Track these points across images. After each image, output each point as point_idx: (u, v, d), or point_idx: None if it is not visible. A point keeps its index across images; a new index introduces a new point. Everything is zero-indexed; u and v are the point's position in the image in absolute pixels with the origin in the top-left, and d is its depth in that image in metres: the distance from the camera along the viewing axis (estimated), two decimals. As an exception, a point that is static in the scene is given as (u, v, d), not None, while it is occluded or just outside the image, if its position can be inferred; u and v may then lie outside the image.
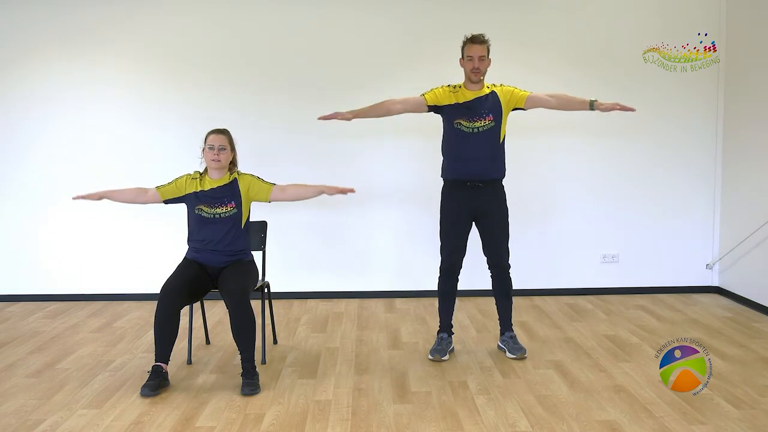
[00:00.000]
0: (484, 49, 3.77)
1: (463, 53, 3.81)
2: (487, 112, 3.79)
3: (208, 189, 3.69)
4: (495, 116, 3.80)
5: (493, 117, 3.79)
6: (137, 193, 3.78)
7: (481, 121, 3.78)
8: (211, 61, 5.30)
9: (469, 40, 3.78)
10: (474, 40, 3.76)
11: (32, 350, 4.15)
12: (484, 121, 3.78)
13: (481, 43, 3.76)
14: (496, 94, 3.82)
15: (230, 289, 3.50)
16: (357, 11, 5.31)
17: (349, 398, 3.33)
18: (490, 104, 3.80)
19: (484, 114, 3.78)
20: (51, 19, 5.26)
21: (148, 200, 3.76)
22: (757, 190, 4.96)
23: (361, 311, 5.05)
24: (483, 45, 3.76)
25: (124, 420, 3.09)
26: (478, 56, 3.74)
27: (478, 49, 3.75)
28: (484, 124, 3.78)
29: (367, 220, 5.43)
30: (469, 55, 3.76)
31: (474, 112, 3.78)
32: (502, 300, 4.02)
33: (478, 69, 3.76)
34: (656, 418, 3.05)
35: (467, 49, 3.78)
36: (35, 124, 5.33)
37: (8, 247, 5.41)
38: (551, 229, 5.45)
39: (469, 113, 3.78)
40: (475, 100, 3.79)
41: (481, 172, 3.82)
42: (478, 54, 3.74)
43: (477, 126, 3.78)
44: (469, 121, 3.78)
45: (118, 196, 3.79)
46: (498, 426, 2.99)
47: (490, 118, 3.79)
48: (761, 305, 4.86)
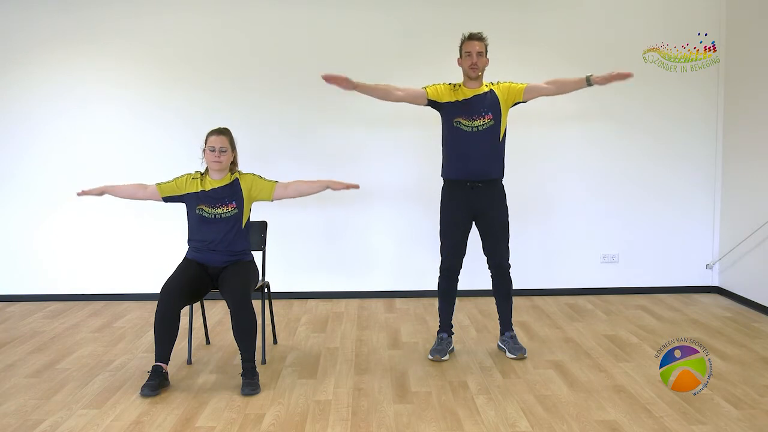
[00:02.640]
0: (482, 45, 3.78)
1: (461, 50, 3.81)
2: (486, 111, 3.79)
3: (209, 189, 3.69)
4: (494, 114, 3.80)
5: (492, 116, 3.79)
6: (137, 188, 3.81)
7: (480, 119, 3.77)
8: (211, 60, 5.30)
9: (467, 37, 3.80)
10: (472, 37, 3.79)
11: (32, 350, 4.15)
12: (484, 119, 3.78)
13: (479, 40, 3.78)
14: (494, 92, 3.82)
15: (231, 289, 3.50)
16: (357, 10, 5.31)
17: (349, 398, 3.33)
18: (489, 102, 3.80)
19: (483, 112, 3.78)
20: (51, 19, 5.26)
21: (147, 196, 3.77)
22: (757, 190, 4.96)
23: (361, 311, 5.05)
24: (481, 42, 3.78)
25: (124, 420, 3.09)
26: (476, 51, 3.75)
27: (476, 45, 3.76)
28: (483, 122, 3.78)
29: (367, 220, 5.44)
30: (468, 50, 3.77)
31: (473, 111, 3.78)
32: (502, 300, 4.02)
33: (476, 65, 3.76)
34: (656, 418, 3.05)
35: (465, 46, 3.79)
36: (35, 123, 5.33)
37: (8, 247, 5.41)
38: (551, 229, 5.45)
39: (469, 112, 3.78)
40: (474, 98, 3.79)
41: (480, 171, 3.81)
42: (476, 50, 3.75)
43: (476, 125, 3.77)
44: (469, 119, 3.78)
45: (119, 191, 3.83)
46: (498, 426, 2.99)
47: (489, 116, 3.79)
48: (761, 305, 4.86)
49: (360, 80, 3.72)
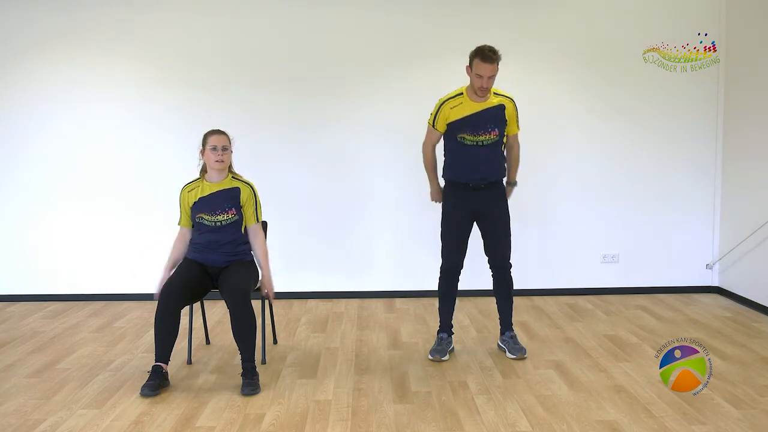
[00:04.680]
0: (495, 68, 3.60)
1: (473, 66, 3.62)
2: (492, 127, 3.70)
3: (207, 194, 3.67)
4: (500, 130, 3.74)
5: (498, 131, 3.73)
6: (182, 243, 3.77)
7: (486, 135, 3.71)
8: (211, 60, 5.30)
9: (481, 57, 3.57)
10: (485, 59, 3.56)
11: (32, 350, 4.15)
12: (489, 135, 3.71)
13: (493, 62, 3.57)
14: (503, 107, 3.72)
15: (231, 288, 3.50)
16: (357, 9, 5.30)
17: (349, 398, 3.33)
18: (496, 117, 3.70)
19: (489, 129, 3.70)
20: (51, 19, 5.25)
21: (187, 238, 3.76)
22: (758, 190, 4.95)
23: (361, 311, 5.05)
24: (494, 64, 3.58)
25: (124, 420, 3.09)
26: (488, 76, 3.59)
27: (489, 69, 3.57)
28: (488, 138, 3.72)
29: (367, 219, 5.43)
30: (479, 73, 3.58)
31: (479, 126, 3.69)
32: (503, 300, 4.02)
33: (486, 88, 3.64)
34: (656, 418, 3.05)
35: (477, 67, 3.59)
36: (36, 123, 5.32)
37: (8, 247, 5.41)
38: (551, 229, 5.45)
39: (474, 127, 3.70)
40: (481, 113, 3.69)
41: (481, 178, 3.81)
42: (488, 74, 3.59)
43: (481, 140, 3.72)
44: (473, 134, 3.71)
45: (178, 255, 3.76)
46: (498, 426, 2.99)
47: (495, 132, 3.72)
48: (761, 305, 4.86)
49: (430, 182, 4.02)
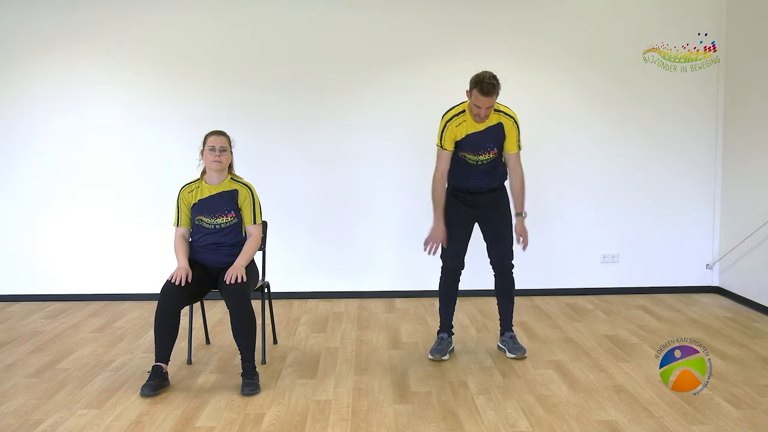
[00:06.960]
0: (493, 100, 3.59)
1: (472, 95, 3.60)
2: (491, 147, 3.76)
3: (206, 196, 3.68)
4: (499, 148, 3.80)
5: (497, 150, 3.80)
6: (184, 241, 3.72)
7: (485, 154, 3.78)
8: (212, 60, 5.30)
9: (480, 89, 3.53)
10: (484, 92, 3.53)
11: (32, 350, 4.15)
12: (488, 154, 3.78)
13: (490, 95, 3.55)
14: (502, 126, 3.73)
15: (230, 288, 3.50)
16: (357, 10, 5.31)
17: (349, 398, 3.33)
18: (495, 137, 3.74)
19: (489, 148, 3.77)
20: (51, 19, 5.25)
21: (187, 237, 3.74)
22: (757, 190, 4.95)
23: (361, 311, 5.05)
24: (492, 97, 3.56)
25: (124, 420, 3.09)
26: (486, 107, 3.60)
27: (487, 101, 3.57)
28: (487, 156, 3.79)
29: (367, 220, 5.43)
30: (477, 104, 3.58)
31: (479, 147, 3.75)
32: (504, 300, 4.03)
33: (482, 118, 3.66)
34: (656, 418, 3.05)
35: (476, 98, 3.57)
36: (35, 123, 5.33)
37: (8, 247, 5.41)
38: (551, 229, 5.44)
39: (474, 148, 3.75)
40: (480, 134, 3.73)
41: (484, 186, 3.86)
42: (486, 105, 3.59)
43: (481, 159, 3.79)
44: (474, 154, 3.77)
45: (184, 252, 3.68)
46: (498, 426, 2.99)
47: (494, 151, 3.79)
48: (761, 305, 4.86)
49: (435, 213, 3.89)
